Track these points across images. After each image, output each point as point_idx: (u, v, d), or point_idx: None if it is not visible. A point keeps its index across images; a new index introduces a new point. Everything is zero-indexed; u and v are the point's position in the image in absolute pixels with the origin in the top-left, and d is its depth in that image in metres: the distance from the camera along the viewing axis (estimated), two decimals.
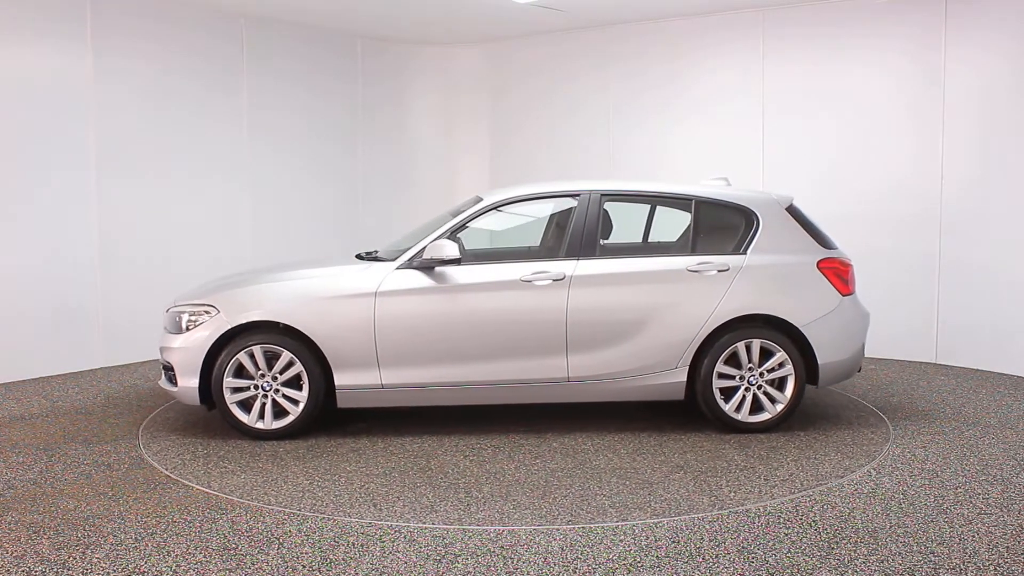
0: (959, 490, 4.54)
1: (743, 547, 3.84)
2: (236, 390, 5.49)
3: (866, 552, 3.78)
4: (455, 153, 10.50)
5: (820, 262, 5.65)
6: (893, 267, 7.78)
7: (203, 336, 5.48)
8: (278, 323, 5.48)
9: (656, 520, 4.16)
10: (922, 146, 7.68)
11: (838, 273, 5.66)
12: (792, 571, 3.60)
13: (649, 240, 6.36)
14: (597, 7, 8.43)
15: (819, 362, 5.56)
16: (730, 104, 8.56)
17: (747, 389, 5.55)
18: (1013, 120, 7.17)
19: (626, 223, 6.33)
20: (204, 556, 3.77)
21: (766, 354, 5.54)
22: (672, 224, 6.06)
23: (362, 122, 9.93)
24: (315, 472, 4.95)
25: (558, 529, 4.06)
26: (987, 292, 7.38)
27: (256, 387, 5.51)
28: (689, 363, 5.54)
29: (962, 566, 3.63)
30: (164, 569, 3.65)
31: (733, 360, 5.53)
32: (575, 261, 5.59)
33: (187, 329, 5.55)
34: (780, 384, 5.57)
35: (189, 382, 5.50)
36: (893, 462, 5.01)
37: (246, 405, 5.53)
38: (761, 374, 5.54)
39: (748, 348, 5.52)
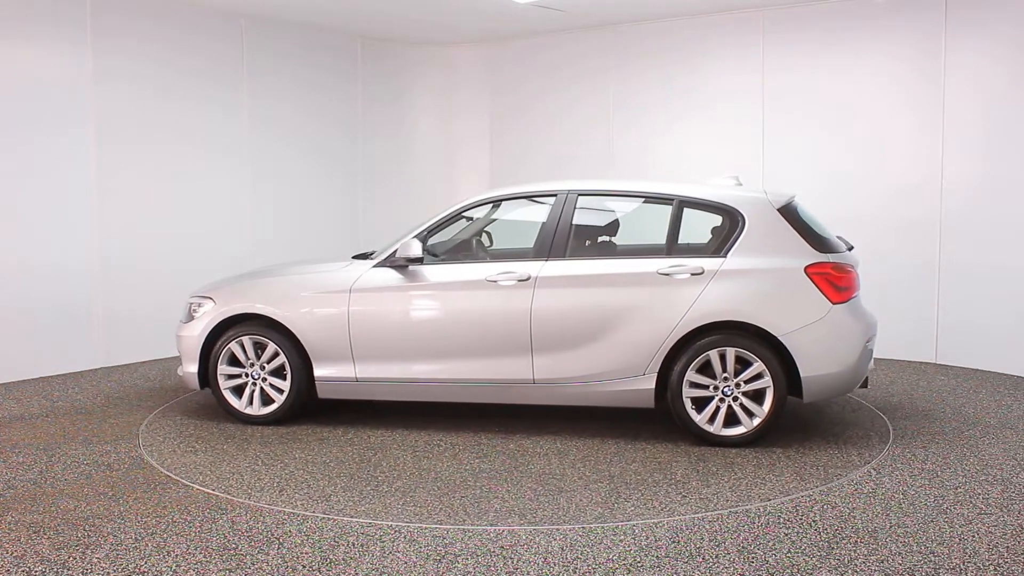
0: (959, 490, 4.54)
1: (743, 547, 3.84)
2: (229, 377, 5.90)
3: (866, 552, 3.78)
4: (455, 152, 10.50)
5: (808, 267, 5.22)
6: (893, 267, 7.78)
7: (201, 325, 5.91)
8: (267, 316, 5.79)
9: (653, 521, 4.17)
10: (922, 147, 7.68)
11: (830, 279, 5.21)
12: (792, 571, 3.60)
13: (638, 242, 6.14)
14: (597, 7, 8.43)
15: (802, 375, 5.15)
16: (730, 104, 8.56)
17: (721, 400, 5.23)
18: (1012, 122, 7.17)
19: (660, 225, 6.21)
20: (204, 556, 3.78)
21: (745, 364, 5.20)
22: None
23: (362, 121, 9.93)
24: (264, 457, 5.21)
25: (558, 529, 4.06)
26: (987, 292, 7.37)
27: (247, 375, 5.88)
28: (658, 370, 5.28)
29: (962, 566, 3.63)
30: (164, 569, 3.65)
31: (709, 369, 5.25)
32: (543, 262, 5.51)
33: (192, 318, 6.00)
34: (759, 396, 5.21)
35: (190, 367, 5.94)
36: (893, 462, 5.01)
37: (239, 391, 5.91)
38: (738, 385, 5.20)
39: (723, 357, 5.19)
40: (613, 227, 6.04)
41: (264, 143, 8.96)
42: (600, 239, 5.98)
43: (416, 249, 5.58)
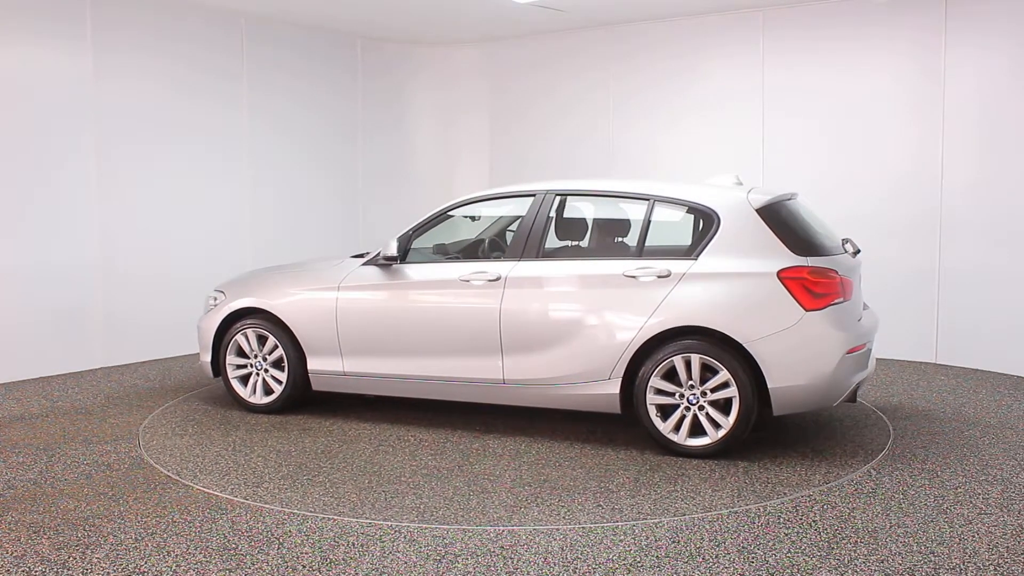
0: (959, 490, 4.54)
1: (743, 547, 3.84)
2: (237, 367, 6.23)
3: (866, 552, 3.78)
4: (456, 152, 10.50)
5: (782, 271, 4.91)
6: (893, 267, 7.77)
7: (214, 318, 6.28)
8: (267, 310, 6.08)
9: (654, 520, 4.17)
10: (922, 146, 7.68)
11: (805, 284, 4.88)
12: (792, 571, 3.60)
13: (612, 243, 5.96)
14: (596, 7, 8.42)
15: (769, 385, 4.86)
16: (730, 104, 8.56)
17: (687, 409, 5.01)
18: (1013, 121, 7.18)
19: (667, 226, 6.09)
20: (204, 556, 3.78)
21: (714, 372, 4.96)
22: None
23: (362, 120, 9.93)
24: (238, 444, 5.49)
25: (558, 529, 4.06)
26: (987, 292, 7.37)
27: (251, 366, 6.20)
28: (622, 375, 5.12)
29: (962, 566, 3.63)
30: (164, 569, 3.65)
31: (676, 376, 5.03)
32: (514, 262, 5.49)
33: (209, 311, 6.39)
34: (727, 406, 4.96)
35: (205, 357, 6.32)
36: (893, 462, 5.01)
37: (246, 381, 6.23)
38: (704, 393, 4.97)
39: (688, 364, 4.98)
40: (589, 228, 5.89)
41: (264, 143, 8.96)
42: (575, 240, 5.89)
43: (392, 249, 5.72)
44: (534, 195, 5.66)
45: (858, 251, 5.65)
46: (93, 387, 7.05)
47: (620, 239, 5.79)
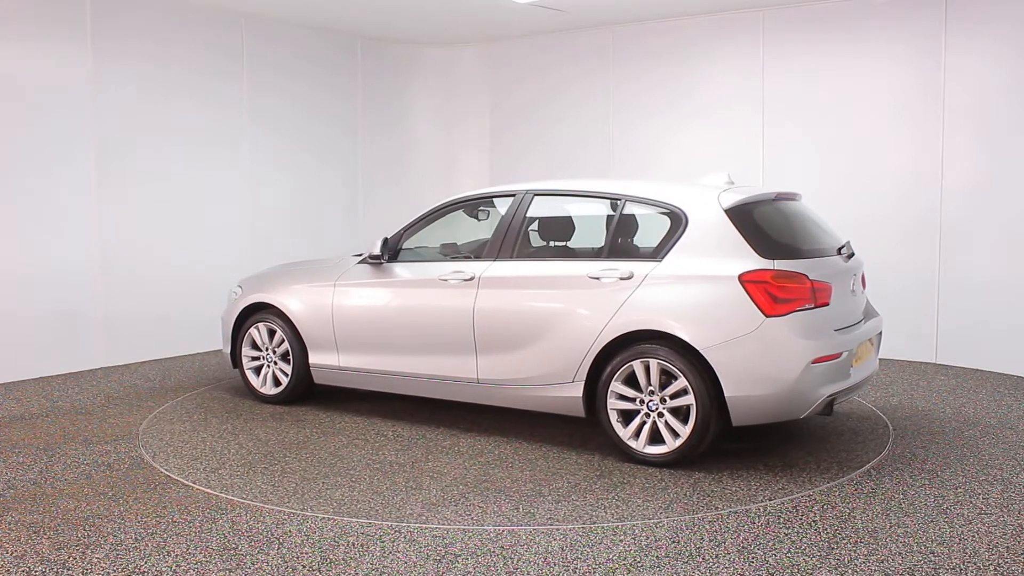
0: (959, 490, 4.54)
1: (743, 547, 3.84)
2: (252, 359, 6.52)
3: (866, 552, 3.78)
4: (455, 151, 10.50)
5: (743, 274, 4.67)
6: (893, 268, 7.77)
7: (232, 311, 6.60)
8: (274, 305, 6.33)
9: (653, 521, 4.17)
10: (922, 147, 7.68)
11: (768, 289, 4.61)
12: (792, 571, 3.60)
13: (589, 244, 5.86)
14: (597, 7, 8.43)
15: (726, 394, 4.64)
16: (730, 105, 8.55)
17: (646, 416, 4.87)
18: (1011, 124, 7.18)
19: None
20: (204, 556, 3.78)
21: (673, 378, 4.79)
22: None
23: (362, 120, 9.93)
24: (224, 433, 5.70)
25: (558, 529, 4.06)
26: (986, 293, 7.37)
27: (264, 358, 6.46)
28: (585, 378, 5.03)
29: (962, 566, 3.63)
30: (164, 569, 3.65)
31: (637, 381, 4.90)
32: (490, 262, 5.50)
33: (229, 304, 6.70)
34: (688, 414, 4.77)
35: (226, 348, 6.68)
36: (893, 462, 5.01)
37: (259, 372, 6.51)
38: (663, 400, 4.82)
39: (648, 369, 4.84)
40: (565, 228, 5.78)
41: (264, 143, 8.96)
42: (553, 240, 5.81)
43: (376, 248, 5.90)
44: (514, 195, 5.66)
45: (852, 255, 5.34)
46: (93, 387, 7.04)
47: (592, 240, 5.70)
